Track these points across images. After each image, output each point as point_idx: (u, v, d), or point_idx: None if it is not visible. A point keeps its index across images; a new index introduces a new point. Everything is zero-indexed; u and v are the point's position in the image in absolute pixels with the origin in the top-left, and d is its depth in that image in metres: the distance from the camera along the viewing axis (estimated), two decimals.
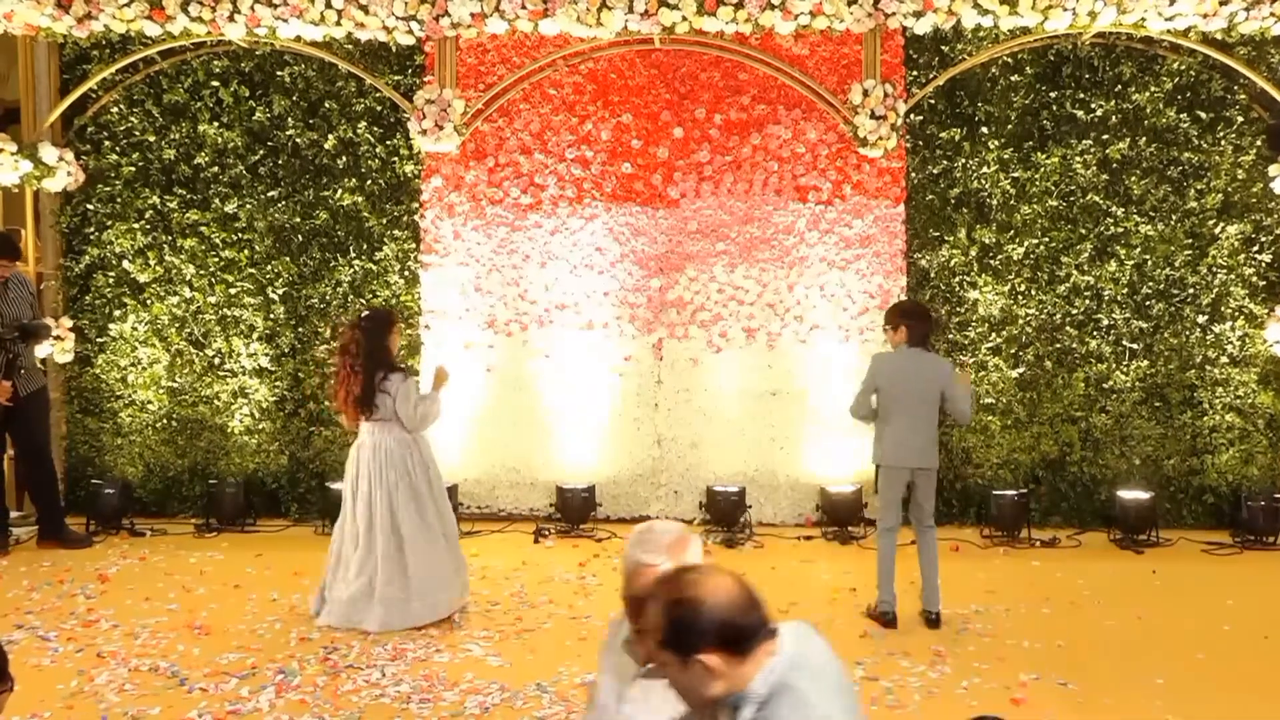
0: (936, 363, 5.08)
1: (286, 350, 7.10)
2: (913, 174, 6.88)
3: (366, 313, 5.25)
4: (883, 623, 5.02)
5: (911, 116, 6.80)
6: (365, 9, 6.21)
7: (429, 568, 5.02)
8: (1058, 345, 6.87)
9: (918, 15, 6.12)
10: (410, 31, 6.37)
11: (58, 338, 6.88)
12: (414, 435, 5.13)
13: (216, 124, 7.04)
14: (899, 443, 5.02)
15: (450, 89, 6.56)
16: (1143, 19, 6.09)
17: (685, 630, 1.90)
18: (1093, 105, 6.76)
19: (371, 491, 5.02)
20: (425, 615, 4.99)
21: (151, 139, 7.06)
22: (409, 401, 5.05)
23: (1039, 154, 6.79)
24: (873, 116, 6.37)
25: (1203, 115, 6.73)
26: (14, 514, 6.74)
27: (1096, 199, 6.80)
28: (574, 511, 6.79)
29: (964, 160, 6.83)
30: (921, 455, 5.02)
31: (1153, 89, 6.73)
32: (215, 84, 7.01)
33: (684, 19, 6.13)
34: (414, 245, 7.05)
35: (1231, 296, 6.79)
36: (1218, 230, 6.77)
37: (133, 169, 7.07)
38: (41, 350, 6.68)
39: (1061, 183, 6.82)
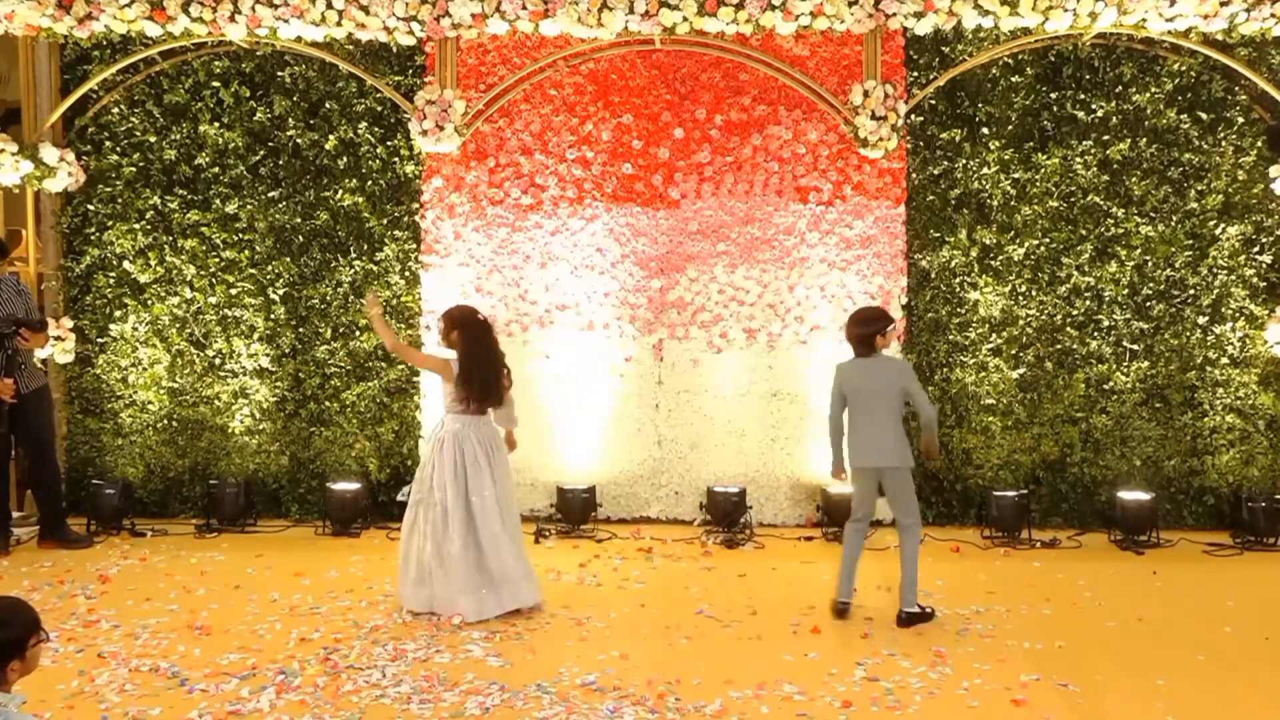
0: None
1: (287, 351, 7.10)
2: (913, 175, 6.88)
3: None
4: None
5: (912, 117, 6.80)
6: (366, 9, 6.22)
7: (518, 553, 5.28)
8: (1058, 346, 6.88)
9: (918, 16, 6.12)
10: (411, 32, 6.37)
11: (58, 338, 6.88)
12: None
13: (217, 124, 7.04)
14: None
15: (451, 89, 6.56)
16: (1143, 20, 6.10)
17: None
18: (1093, 106, 6.76)
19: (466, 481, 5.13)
20: (536, 596, 5.26)
21: (152, 139, 7.07)
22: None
23: (1039, 155, 6.79)
24: (873, 117, 6.38)
25: (1203, 116, 6.73)
26: (15, 514, 6.75)
27: (1097, 200, 6.80)
28: (574, 512, 6.79)
29: (964, 161, 6.83)
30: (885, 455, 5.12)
31: (1153, 90, 6.73)
32: (216, 84, 7.01)
33: (684, 20, 6.13)
34: (414, 246, 7.05)
35: (1232, 297, 6.79)
36: (1218, 231, 6.77)
37: (133, 169, 7.07)
38: (42, 351, 6.67)
39: (1062, 183, 6.82)
